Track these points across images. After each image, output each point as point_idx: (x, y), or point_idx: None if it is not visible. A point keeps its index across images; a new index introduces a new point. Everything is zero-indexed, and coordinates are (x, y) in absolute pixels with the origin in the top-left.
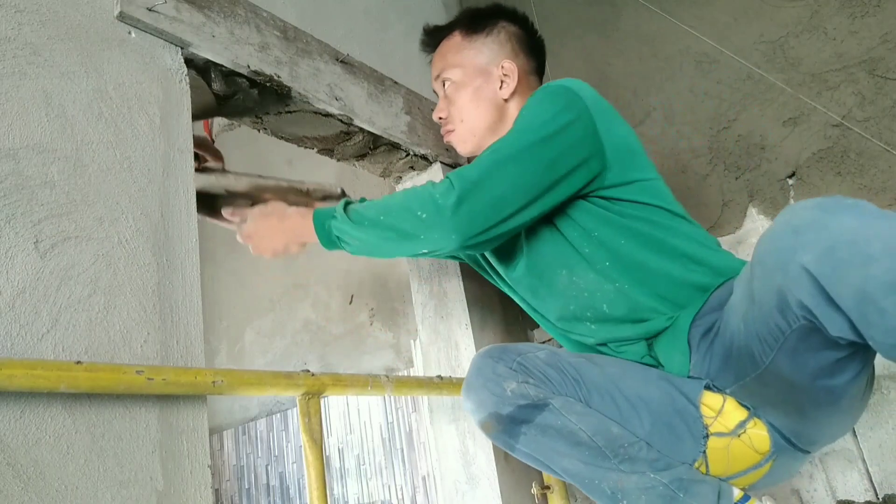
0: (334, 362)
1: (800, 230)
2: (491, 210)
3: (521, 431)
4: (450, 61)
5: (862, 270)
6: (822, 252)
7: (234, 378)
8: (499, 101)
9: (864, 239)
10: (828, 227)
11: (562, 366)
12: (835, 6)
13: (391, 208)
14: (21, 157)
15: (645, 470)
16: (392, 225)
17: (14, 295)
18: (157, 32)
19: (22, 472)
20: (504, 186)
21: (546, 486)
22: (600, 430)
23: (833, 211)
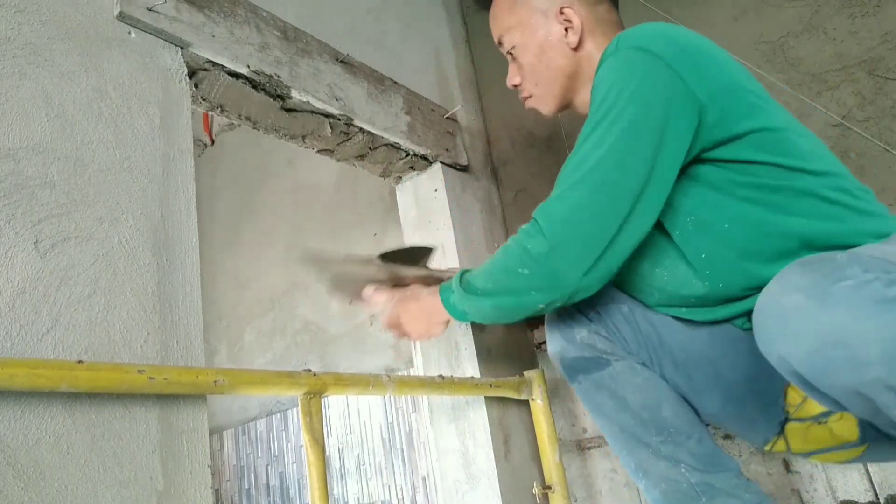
0: (334, 362)
1: (786, 318)
2: (588, 243)
3: (578, 379)
4: (505, 23)
5: (853, 374)
6: (808, 351)
7: (236, 377)
8: (569, 52)
9: (857, 340)
10: (816, 322)
11: (640, 325)
12: (835, 6)
13: (494, 273)
14: (21, 157)
15: (682, 461)
16: (501, 290)
17: (14, 295)
18: (157, 32)
19: (22, 472)
20: (594, 210)
21: (547, 485)
22: (649, 406)
23: (825, 300)
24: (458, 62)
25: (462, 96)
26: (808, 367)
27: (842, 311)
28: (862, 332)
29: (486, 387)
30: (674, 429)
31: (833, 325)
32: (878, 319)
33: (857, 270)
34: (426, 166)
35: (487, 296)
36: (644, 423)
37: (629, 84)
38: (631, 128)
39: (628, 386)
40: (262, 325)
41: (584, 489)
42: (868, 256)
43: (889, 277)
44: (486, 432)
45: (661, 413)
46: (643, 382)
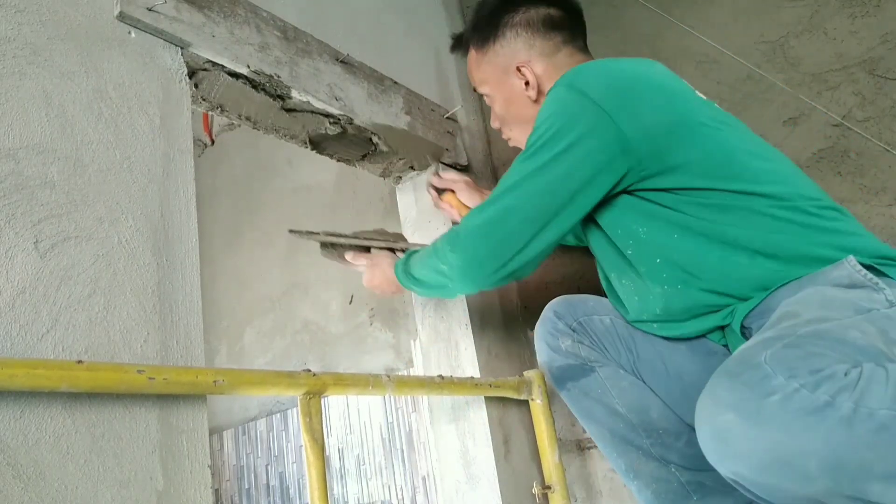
0: (334, 362)
1: (723, 438)
2: (497, 250)
3: (567, 387)
4: (476, 78)
5: (801, 488)
6: (752, 468)
7: (236, 377)
8: (531, 104)
9: (798, 456)
10: (753, 441)
11: (621, 336)
12: (835, 6)
13: (424, 264)
14: (21, 157)
15: (672, 461)
16: (428, 280)
17: (14, 295)
18: (157, 32)
19: (22, 472)
20: (506, 224)
21: (547, 485)
22: (637, 409)
23: (755, 417)
24: (458, 62)
25: (462, 96)
26: (757, 485)
27: (775, 429)
28: (799, 448)
29: (486, 387)
30: (662, 430)
31: (770, 445)
32: (813, 432)
33: (781, 380)
34: (426, 166)
35: (420, 283)
36: (633, 426)
37: (556, 120)
38: (550, 162)
39: (615, 390)
40: (262, 325)
41: (584, 489)
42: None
43: (815, 380)
44: (486, 432)
45: (650, 415)
46: (630, 386)
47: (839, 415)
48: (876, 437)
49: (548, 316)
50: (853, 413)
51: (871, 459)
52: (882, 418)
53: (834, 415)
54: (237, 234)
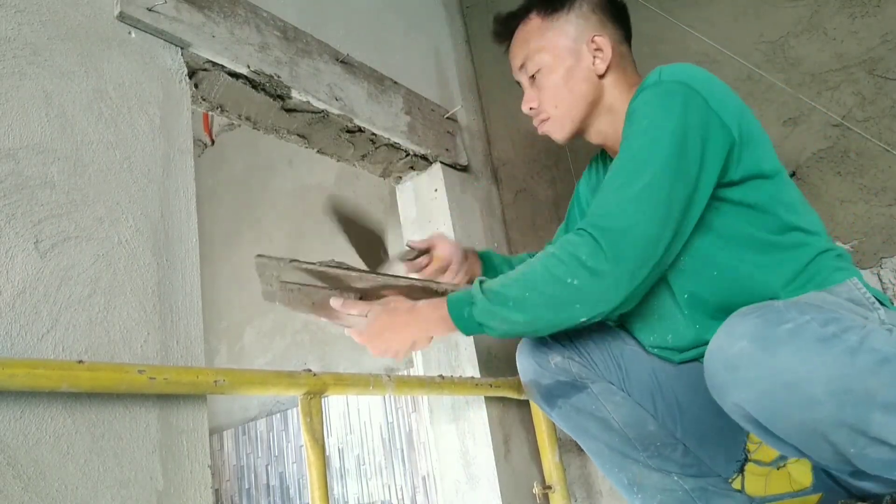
0: (334, 362)
1: (734, 365)
2: (645, 256)
3: (558, 404)
4: (533, 46)
5: (805, 413)
6: (759, 395)
7: (236, 377)
8: (594, 79)
9: (805, 380)
10: (763, 366)
11: (612, 351)
12: (835, 6)
13: (535, 282)
14: (21, 157)
15: (672, 471)
16: (541, 301)
17: (14, 295)
18: (157, 32)
19: (22, 472)
20: (649, 224)
21: (547, 485)
22: (633, 423)
23: (768, 343)
24: (458, 62)
25: (462, 96)
26: (761, 411)
27: (787, 354)
28: (808, 371)
29: (486, 387)
30: (660, 442)
31: (780, 368)
32: (822, 357)
33: (794, 314)
34: (426, 166)
35: (522, 307)
36: (630, 440)
37: (673, 112)
38: (679, 150)
39: (610, 405)
40: (262, 325)
41: (584, 489)
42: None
43: (823, 317)
44: (486, 432)
45: (647, 428)
46: (623, 401)
47: (846, 345)
48: (879, 367)
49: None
50: (859, 346)
51: (874, 387)
52: (885, 353)
53: (841, 345)
54: (237, 234)
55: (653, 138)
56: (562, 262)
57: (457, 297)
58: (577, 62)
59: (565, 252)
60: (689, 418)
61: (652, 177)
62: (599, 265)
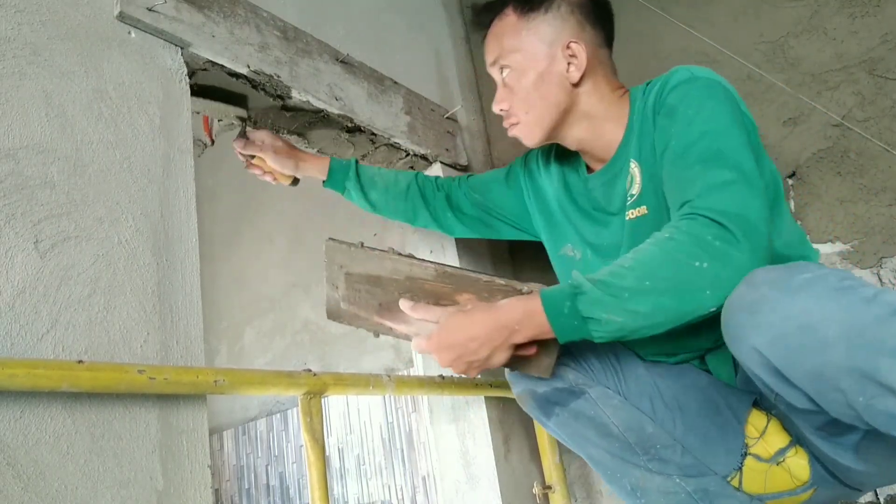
0: (334, 362)
1: (754, 309)
2: (765, 238)
3: (555, 412)
4: (506, 45)
5: (817, 356)
6: (775, 337)
7: (236, 377)
8: (567, 86)
9: (820, 322)
10: (782, 308)
11: (606, 354)
12: (835, 6)
13: (654, 268)
14: (21, 157)
15: (672, 473)
16: (665, 288)
17: (14, 295)
18: (157, 32)
19: (22, 472)
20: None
21: (547, 485)
22: (633, 427)
23: (788, 289)
24: (458, 62)
25: (462, 96)
26: (777, 354)
27: (804, 298)
28: (824, 314)
29: (486, 387)
30: (659, 444)
31: (797, 310)
32: (837, 302)
33: (813, 267)
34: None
35: (642, 296)
36: (630, 445)
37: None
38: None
39: (609, 409)
40: (262, 325)
41: (584, 489)
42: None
43: (840, 274)
44: (486, 432)
45: (646, 430)
46: (621, 404)
47: (861, 295)
48: (891, 317)
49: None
50: (873, 297)
51: (885, 335)
52: None
53: (857, 294)
54: (237, 234)
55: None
56: (684, 246)
57: (553, 289)
58: (549, 67)
59: (687, 236)
60: (688, 417)
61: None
62: (731, 246)
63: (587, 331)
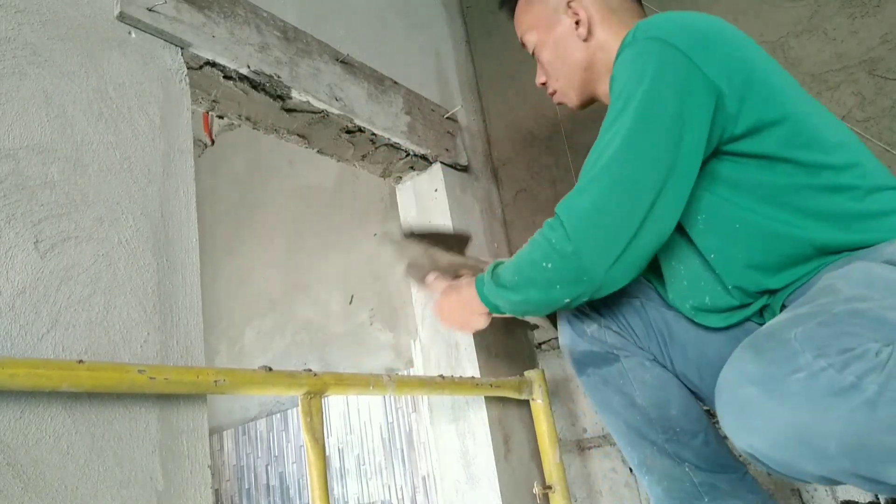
0: (334, 362)
1: (743, 413)
2: (612, 234)
3: (587, 373)
4: (523, 24)
5: (820, 467)
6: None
7: (237, 377)
8: (581, 45)
9: (818, 437)
10: (774, 416)
11: (651, 319)
12: (835, 6)
13: (521, 266)
14: (21, 157)
15: (686, 459)
16: (527, 283)
17: (14, 295)
18: (157, 33)
19: (22, 472)
20: (609, 202)
21: (547, 485)
22: (657, 404)
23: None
24: (458, 62)
25: (462, 96)
26: (773, 461)
27: (797, 408)
28: (820, 428)
29: (486, 387)
30: (680, 428)
31: (791, 422)
32: (834, 413)
33: (809, 358)
34: (426, 166)
35: (515, 289)
36: (651, 421)
37: (645, 75)
38: (647, 120)
39: (637, 383)
40: (262, 325)
41: (584, 489)
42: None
43: (843, 360)
44: (486, 432)
45: (670, 412)
46: (653, 380)
47: (864, 397)
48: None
49: None
50: (878, 396)
51: (893, 443)
52: None
53: (858, 397)
54: (237, 234)
55: (622, 110)
56: (538, 246)
57: (479, 278)
58: (561, 31)
59: (542, 235)
60: None
61: (613, 154)
62: (564, 247)
63: (500, 310)
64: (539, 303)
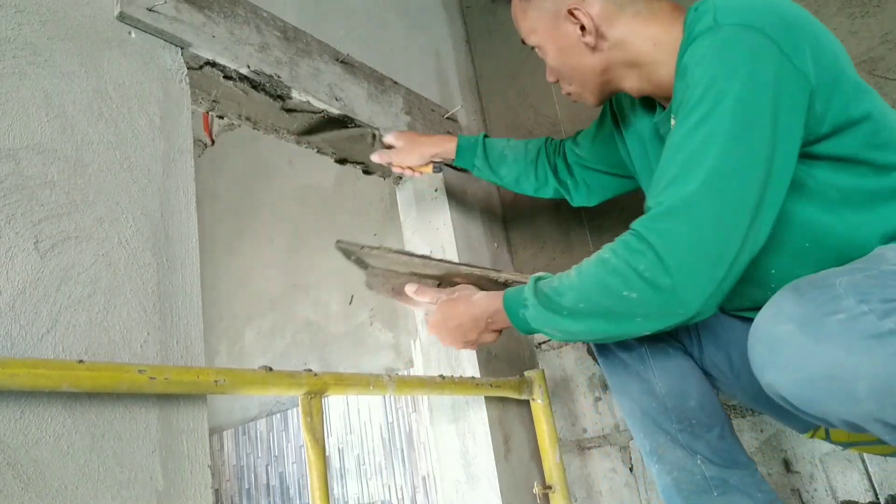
0: (334, 362)
1: (776, 349)
2: (715, 262)
3: (607, 353)
4: (522, 28)
5: (845, 408)
6: (797, 382)
7: (237, 377)
8: (590, 52)
9: (849, 377)
10: (807, 355)
11: None
12: (835, 6)
13: (588, 292)
14: (21, 157)
15: (699, 452)
16: (596, 313)
17: (14, 295)
18: (157, 33)
19: (22, 472)
20: (716, 226)
21: (547, 485)
22: (676, 394)
23: (816, 334)
24: (458, 62)
25: (462, 96)
26: (797, 397)
27: (833, 347)
28: (853, 368)
29: (486, 387)
30: (696, 420)
31: (824, 360)
32: (870, 356)
33: (851, 302)
34: None
35: (576, 317)
36: (667, 410)
37: (737, 71)
38: (746, 123)
39: (658, 370)
40: (262, 325)
41: (584, 489)
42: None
43: (885, 308)
44: (486, 432)
45: (688, 403)
46: (674, 368)
47: None
48: None
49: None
50: None
51: None
52: None
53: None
54: (237, 234)
55: (711, 108)
56: (616, 273)
57: (512, 294)
58: (564, 40)
59: (621, 261)
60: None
61: (713, 167)
62: (659, 279)
63: (536, 333)
64: (605, 335)
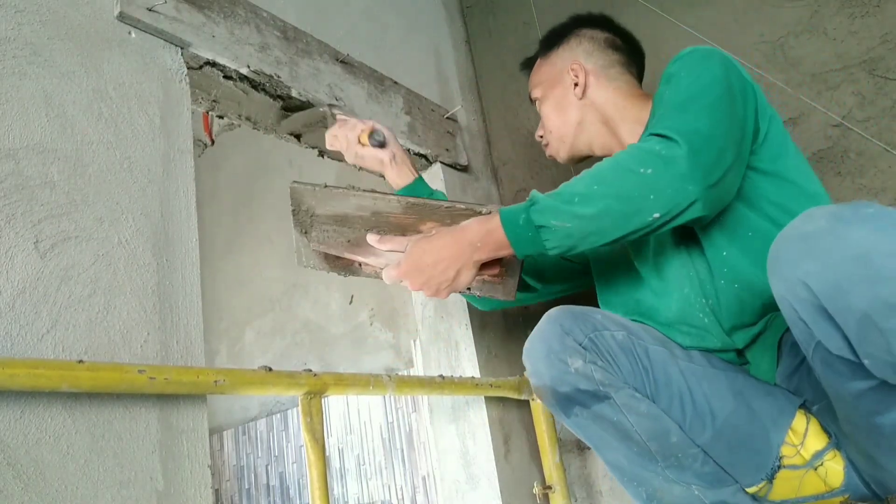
0: (334, 362)
1: (808, 237)
2: (719, 157)
3: (575, 412)
4: (533, 83)
5: (868, 289)
6: (827, 265)
7: (237, 377)
8: (576, 102)
9: (877, 254)
10: (839, 236)
11: (637, 353)
12: (835, 6)
13: (603, 175)
14: (21, 157)
15: (691, 482)
16: (611, 192)
17: (14, 295)
18: (157, 32)
19: (22, 472)
20: (721, 130)
21: (547, 485)
22: (657, 436)
23: (849, 220)
24: (458, 62)
25: (462, 96)
26: (825, 283)
27: (865, 229)
28: (883, 246)
29: (486, 387)
30: (681, 453)
31: (855, 240)
32: None
33: (876, 203)
34: (426, 166)
35: (590, 200)
36: (649, 452)
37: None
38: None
39: (633, 416)
40: (262, 325)
41: (584, 489)
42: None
43: None
44: (486, 432)
45: (670, 440)
46: (647, 411)
47: None
48: None
49: (552, 331)
50: None
51: None
52: None
53: None
54: (237, 234)
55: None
56: (633, 155)
57: (511, 207)
58: (563, 90)
59: (637, 147)
60: (720, 424)
61: (718, 97)
62: (674, 152)
63: (540, 241)
64: (618, 215)
